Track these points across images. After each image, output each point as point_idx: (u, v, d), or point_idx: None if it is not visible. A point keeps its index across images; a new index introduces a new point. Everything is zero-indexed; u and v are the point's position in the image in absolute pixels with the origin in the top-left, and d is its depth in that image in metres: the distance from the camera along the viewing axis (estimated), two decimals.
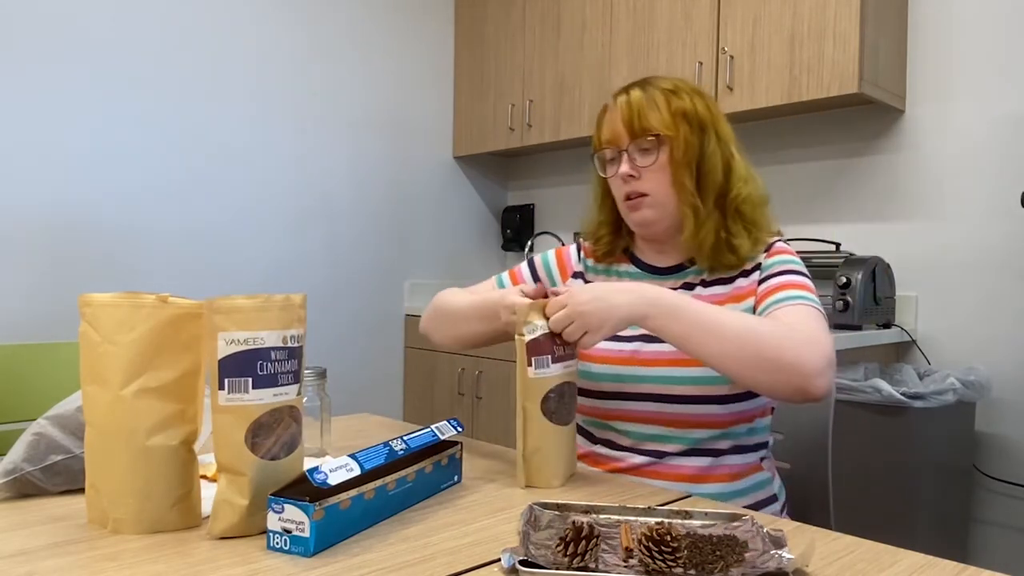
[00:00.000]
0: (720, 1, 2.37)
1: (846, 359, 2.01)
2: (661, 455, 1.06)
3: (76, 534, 0.73)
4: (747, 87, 2.30)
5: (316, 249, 2.92)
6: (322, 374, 1.06)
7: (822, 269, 2.20)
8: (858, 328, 2.05)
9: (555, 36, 2.92)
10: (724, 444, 1.05)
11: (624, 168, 1.08)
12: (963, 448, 2.04)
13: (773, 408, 1.13)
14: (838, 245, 2.30)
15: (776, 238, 1.15)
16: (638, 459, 1.07)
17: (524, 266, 1.28)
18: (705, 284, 1.11)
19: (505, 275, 1.29)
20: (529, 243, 3.31)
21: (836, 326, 2.08)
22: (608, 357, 1.09)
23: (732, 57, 2.33)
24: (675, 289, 1.10)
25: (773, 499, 1.09)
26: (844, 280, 2.04)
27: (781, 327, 0.95)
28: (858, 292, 2.03)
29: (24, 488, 0.83)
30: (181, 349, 0.75)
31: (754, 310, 1.06)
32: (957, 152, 2.19)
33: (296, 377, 0.75)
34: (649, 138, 1.07)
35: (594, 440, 1.13)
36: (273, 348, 0.72)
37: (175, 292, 0.90)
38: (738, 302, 1.08)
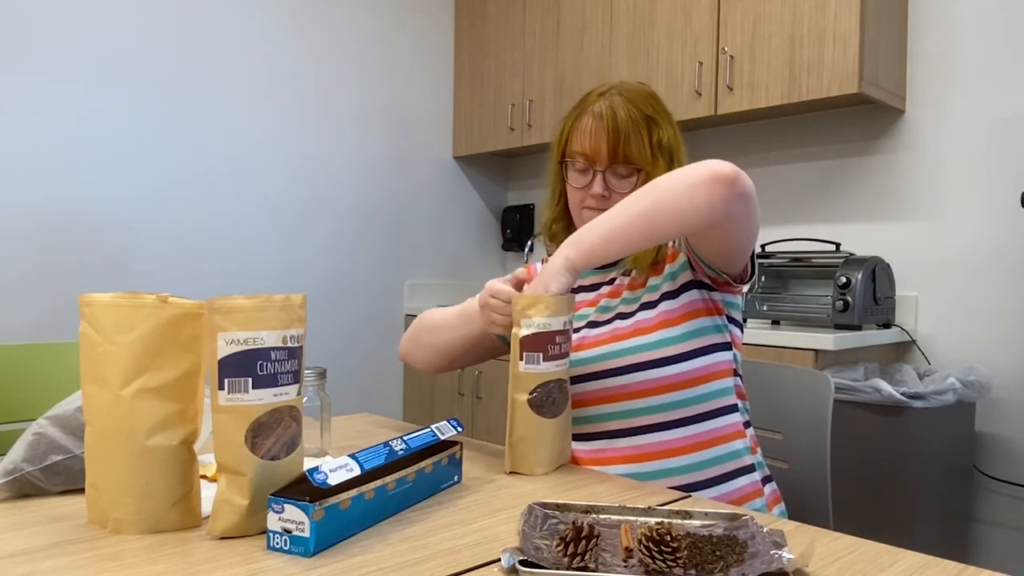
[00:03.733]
0: (720, 1, 2.36)
1: (846, 359, 2.01)
2: (617, 435, 1.07)
3: (76, 534, 0.73)
4: (747, 87, 2.30)
5: (316, 249, 2.92)
6: (322, 374, 1.06)
7: (822, 269, 2.21)
8: (858, 328, 2.05)
9: (555, 36, 2.92)
10: (681, 412, 1.06)
11: (597, 189, 1.11)
12: (963, 448, 2.04)
13: (736, 371, 1.12)
14: (838, 245, 2.30)
15: None
16: (598, 443, 1.09)
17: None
18: (626, 273, 1.16)
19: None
20: (529, 243, 3.31)
21: (836, 326, 2.08)
22: None
23: (732, 57, 2.33)
24: (615, 279, 1.18)
25: (750, 469, 1.09)
26: (844, 280, 2.04)
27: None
28: (858, 292, 2.03)
29: (24, 488, 0.83)
30: (181, 349, 0.75)
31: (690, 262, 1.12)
32: (957, 152, 2.19)
33: (296, 377, 0.75)
34: (628, 167, 1.10)
35: None
36: (273, 348, 0.72)
37: (175, 292, 0.89)
38: (657, 275, 1.13)
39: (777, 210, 2.57)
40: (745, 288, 1.13)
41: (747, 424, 1.14)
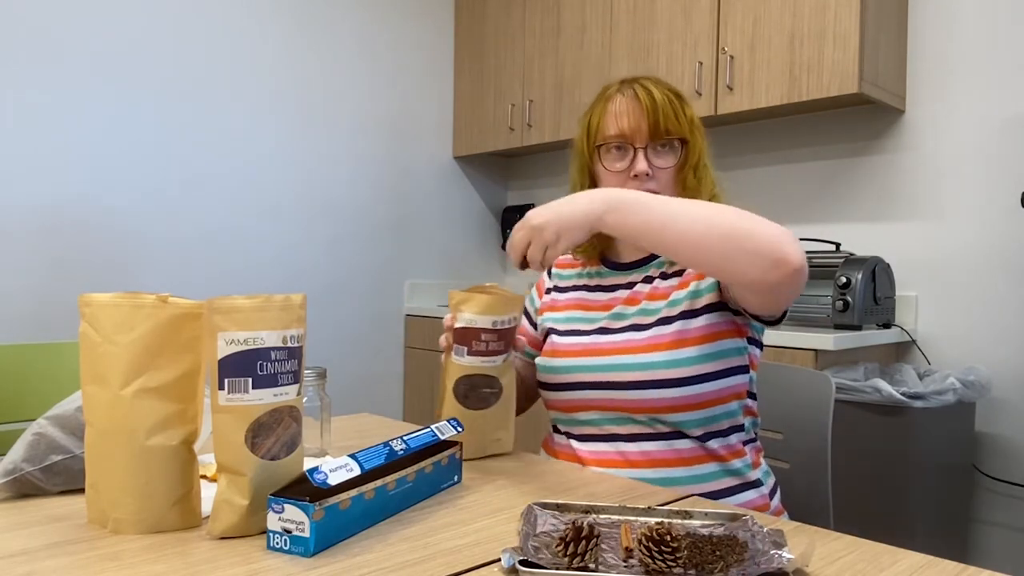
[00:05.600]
0: (720, 1, 2.37)
1: (846, 359, 2.01)
2: (620, 439, 1.07)
3: (76, 534, 0.73)
4: (747, 87, 2.30)
5: (316, 249, 2.92)
6: (322, 374, 1.06)
7: (822, 269, 2.21)
8: (858, 328, 2.05)
9: (555, 36, 2.92)
10: (692, 431, 1.05)
11: (642, 166, 1.09)
12: (963, 448, 2.04)
13: (750, 392, 1.11)
14: (838, 245, 2.30)
15: None
16: (602, 446, 1.08)
17: (523, 320, 1.33)
18: (664, 276, 1.14)
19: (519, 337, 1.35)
20: None
21: (836, 326, 2.08)
22: (568, 351, 1.13)
23: (732, 57, 2.33)
24: (635, 284, 1.15)
25: (757, 483, 1.09)
26: (844, 280, 2.04)
27: (739, 210, 0.92)
28: (858, 292, 2.03)
29: (24, 488, 0.83)
30: (181, 349, 0.75)
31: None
32: (957, 152, 2.19)
33: (296, 377, 0.75)
34: (669, 140, 1.10)
35: (558, 431, 1.17)
36: (273, 348, 0.72)
37: (175, 292, 0.90)
38: (682, 288, 1.10)
39: (777, 210, 2.57)
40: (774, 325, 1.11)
41: (751, 441, 1.12)
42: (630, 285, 1.16)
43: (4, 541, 0.70)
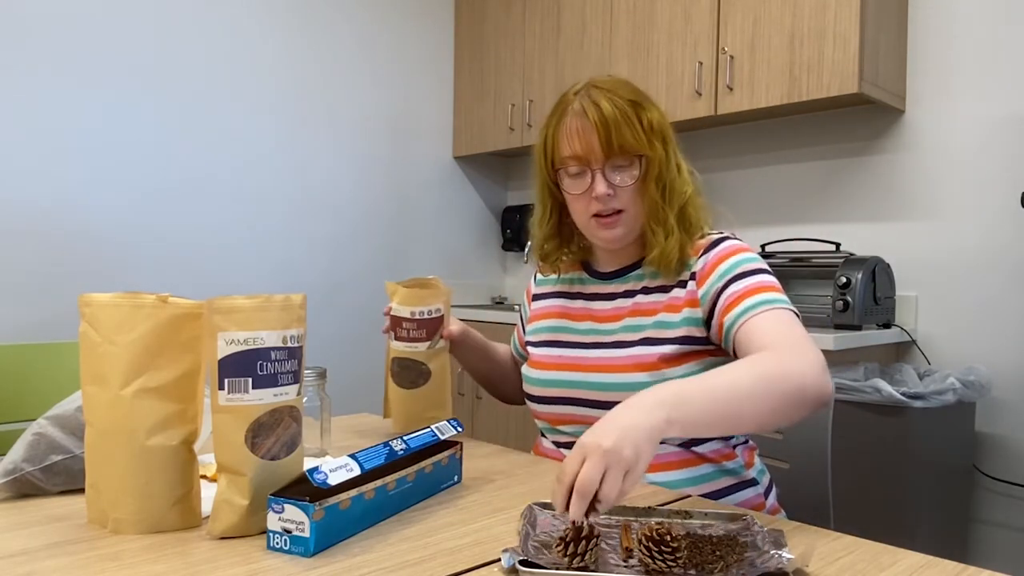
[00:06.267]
0: (720, 1, 2.36)
1: (846, 359, 2.01)
2: None
3: (76, 534, 0.73)
4: (747, 87, 2.30)
5: (316, 249, 2.92)
6: (322, 374, 1.06)
7: (822, 269, 2.21)
8: (858, 328, 2.05)
9: (555, 36, 2.92)
10: (674, 440, 1.04)
11: (601, 189, 1.04)
12: (963, 448, 2.04)
13: None
14: (838, 245, 2.30)
15: (720, 234, 1.09)
16: None
17: (518, 324, 1.37)
18: (647, 291, 1.10)
19: (515, 342, 1.38)
20: (529, 243, 3.31)
21: (836, 326, 2.08)
22: (550, 364, 1.13)
23: (732, 57, 2.33)
24: (616, 296, 1.12)
25: (752, 483, 1.08)
26: (844, 280, 2.04)
27: (774, 356, 0.90)
28: (858, 292, 2.03)
29: (24, 488, 0.83)
30: (181, 349, 0.75)
31: (708, 320, 1.03)
32: (957, 152, 2.19)
33: (296, 377, 0.75)
34: (626, 157, 1.05)
35: (545, 436, 1.17)
36: (273, 348, 0.72)
37: (175, 292, 0.90)
38: (673, 312, 1.06)
39: (777, 210, 2.57)
40: None
41: (742, 443, 1.11)
42: (612, 296, 1.14)
43: (4, 541, 0.70)
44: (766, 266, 1.05)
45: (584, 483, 0.68)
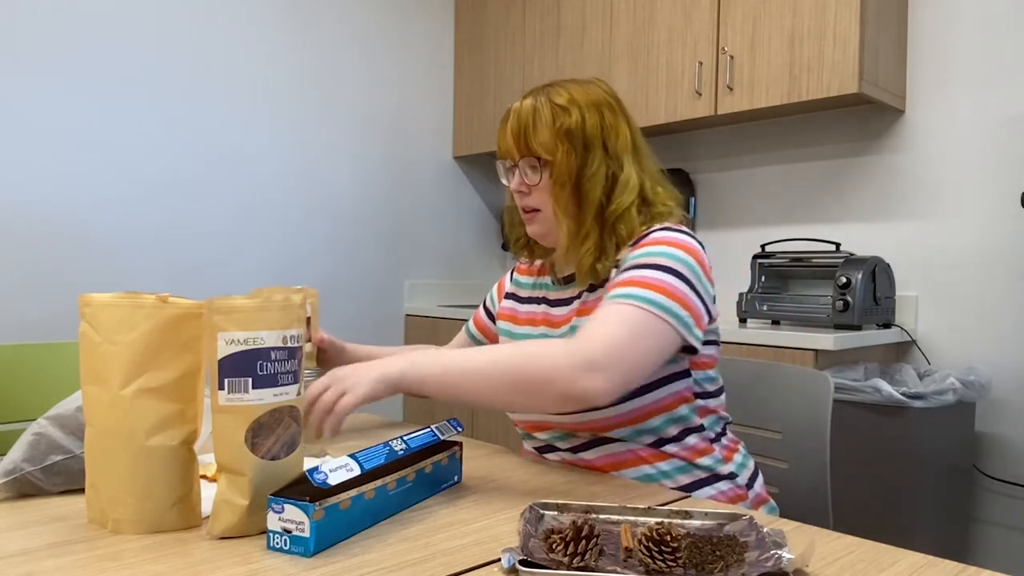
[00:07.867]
0: (720, 1, 2.36)
1: (846, 359, 2.01)
2: (580, 449, 1.07)
3: (76, 534, 0.73)
4: (747, 87, 2.30)
5: (316, 249, 2.92)
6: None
7: (822, 269, 2.21)
8: (858, 328, 2.05)
9: (555, 36, 2.92)
10: (643, 439, 1.05)
11: (514, 183, 1.10)
12: (963, 448, 2.04)
13: (702, 393, 1.08)
14: (838, 245, 2.30)
15: (663, 227, 1.06)
16: (564, 455, 1.09)
17: (481, 306, 1.38)
18: (592, 289, 1.10)
19: (471, 322, 1.38)
20: None
21: (836, 326, 2.08)
22: None
23: (732, 57, 2.33)
24: (572, 300, 1.12)
25: (731, 476, 1.08)
26: (844, 280, 2.04)
27: (537, 345, 0.94)
28: (858, 292, 2.03)
29: (24, 488, 0.83)
30: (181, 349, 0.75)
31: None
32: (957, 152, 2.19)
33: (296, 377, 0.75)
34: (536, 157, 1.07)
35: (526, 442, 1.19)
36: (273, 348, 0.72)
37: (175, 292, 0.90)
38: (584, 316, 1.07)
39: (777, 210, 2.57)
40: (710, 351, 1.07)
41: (717, 437, 1.10)
42: (569, 301, 1.13)
43: (4, 541, 0.70)
44: (677, 266, 0.98)
45: (311, 392, 0.94)
